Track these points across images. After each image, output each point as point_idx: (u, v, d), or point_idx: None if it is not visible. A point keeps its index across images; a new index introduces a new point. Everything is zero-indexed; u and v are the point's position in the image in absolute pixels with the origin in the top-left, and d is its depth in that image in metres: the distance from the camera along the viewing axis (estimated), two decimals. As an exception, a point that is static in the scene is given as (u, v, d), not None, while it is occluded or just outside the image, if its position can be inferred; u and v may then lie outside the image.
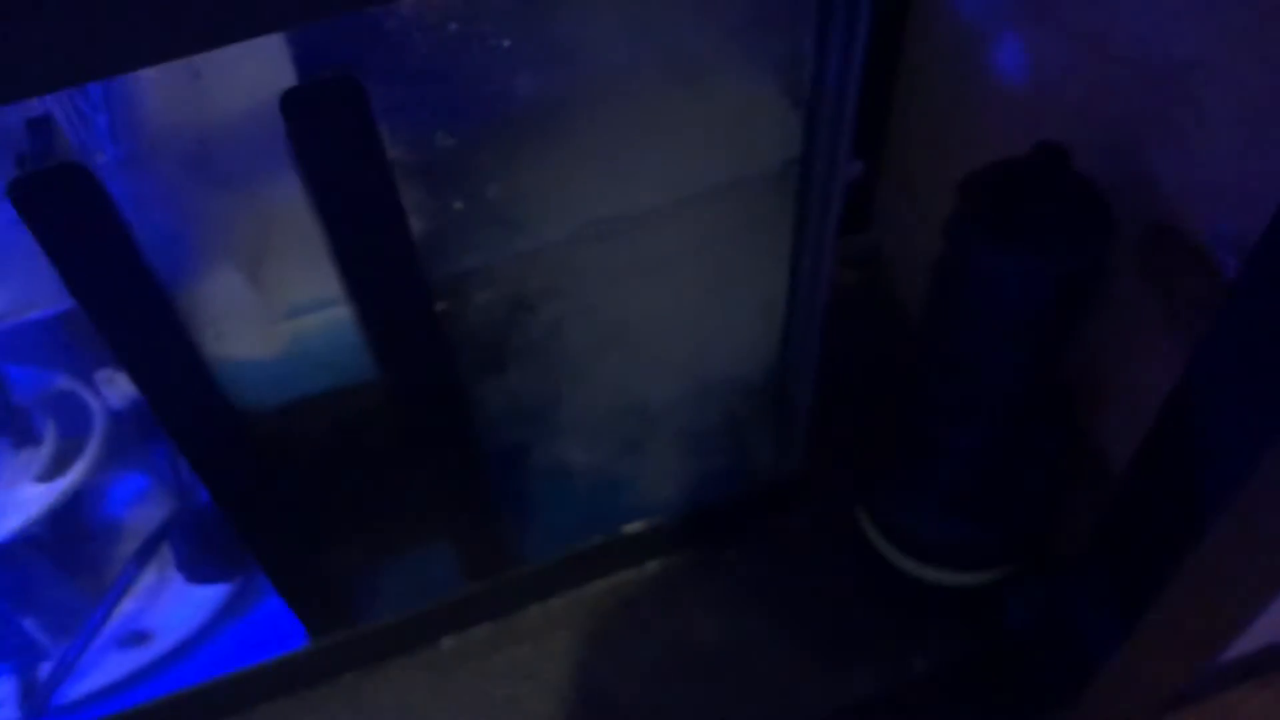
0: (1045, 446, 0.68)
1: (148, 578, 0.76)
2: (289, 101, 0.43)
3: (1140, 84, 0.57)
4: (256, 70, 0.45)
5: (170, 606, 0.76)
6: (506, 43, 0.47)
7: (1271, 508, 0.52)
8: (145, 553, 0.74)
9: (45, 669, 0.73)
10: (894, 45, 0.80)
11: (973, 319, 0.60)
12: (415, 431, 0.62)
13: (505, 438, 0.67)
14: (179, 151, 0.50)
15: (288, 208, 0.49)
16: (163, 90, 0.49)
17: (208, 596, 0.76)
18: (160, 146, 0.50)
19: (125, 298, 0.48)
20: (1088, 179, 0.57)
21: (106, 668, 0.74)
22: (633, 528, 0.79)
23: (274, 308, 0.54)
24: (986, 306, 0.58)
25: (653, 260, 0.60)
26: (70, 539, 0.72)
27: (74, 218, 0.44)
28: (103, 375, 0.65)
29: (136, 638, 0.75)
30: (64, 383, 0.68)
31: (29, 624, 0.72)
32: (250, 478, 0.60)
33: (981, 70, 0.71)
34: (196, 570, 0.74)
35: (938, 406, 0.67)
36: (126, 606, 0.75)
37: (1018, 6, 0.66)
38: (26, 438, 0.68)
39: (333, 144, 0.45)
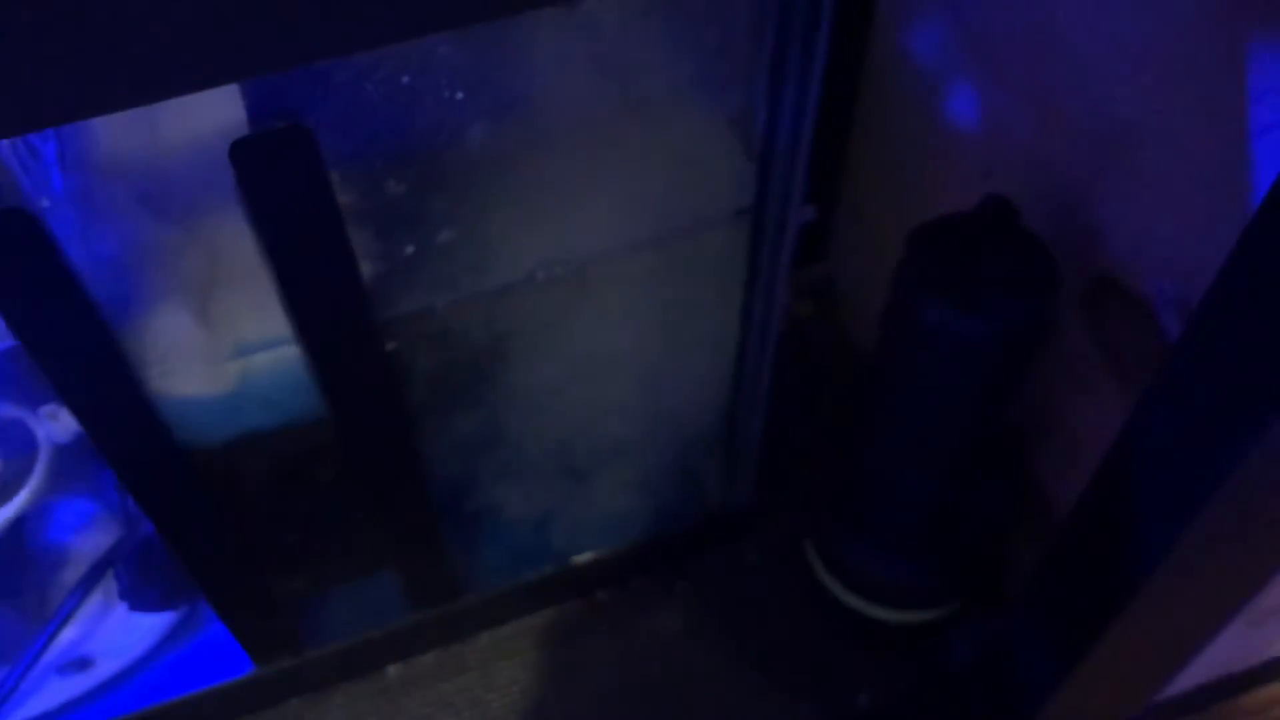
0: (991, 489, 0.69)
1: (91, 604, 0.75)
2: (238, 151, 0.43)
3: (1087, 141, 0.58)
4: (210, 103, 0.45)
5: (113, 633, 0.75)
6: (459, 95, 0.47)
7: (1205, 559, 0.53)
8: (90, 580, 0.73)
9: (-17, 695, 0.73)
10: (849, 91, 0.81)
11: (919, 368, 0.60)
12: (364, 467, 0.62)
13: (454, 473, 0.67)
14: (128, 183, 0.50)
15: (237, 245, 0.49)
16: (113, 119, 0.48)
17: (152, 623, 0.75)
18: (109, 177, 0.50)
19: (69, 340, 0.47)
20: (1034, 233, 0.58)
21: (46, 694, 0.73)
22: (582, 559, 0.79)
23: (222, 346, 0.54)
24: (933, 357, 0.59)
25: (604, 302, 0.60)
26: (13, 565, 0.72)
27: (17, 264, 0.43)
28: (46, 410, 0.64)
29: (78, 664, 0.74)
30: (8, 411, 0.67)
31: (-32, 650, 0.71)
32: (195, 511, 0.60)
33: (934, 120, 0.72)
34: (141, 598, 0.74)
35: (884, 448, 0.67)
36: (68, 633, 0.74)
37: (969, 61, 0.67)
38: (-31, 465, 0.67)
39: (283, 193, 0.45)
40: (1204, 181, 0.52)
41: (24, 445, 0.67)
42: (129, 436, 0.53)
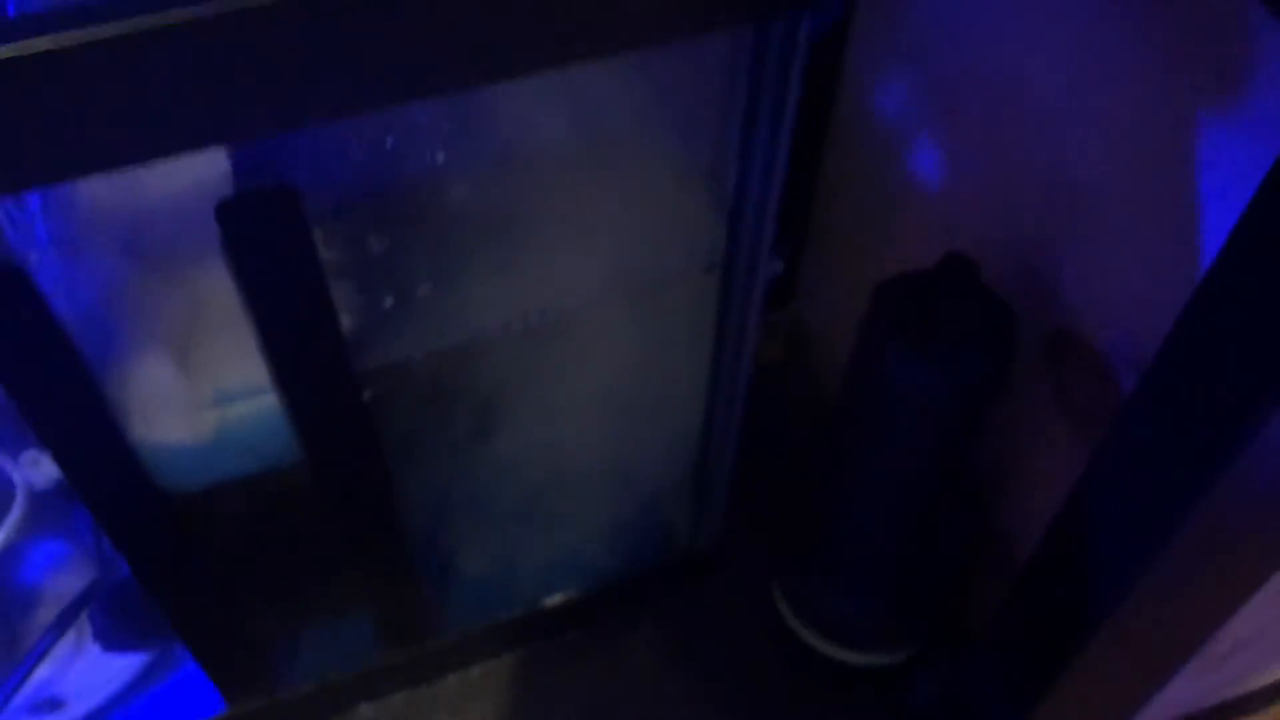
0: (953, 534, 0.70)
1: (63, 644, 0.75)
2: (224, 212, 0.44)
3: (1046, 199, 0.60)
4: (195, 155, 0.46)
5: (85, 673, 0.75)
6: (441, 156, 0.48)
7: (1161, 605, 0.55)
8: (64, 621, 0.73)
9: (-48, 736, 0.72)
10: (816, 145, 0.83)
11: (882, 418, 0.62)
12: (340, 512, 0.63)
13: (428, 517, 0.68)
14: (113, 232, 0.51)
15: (218, 293, 0.50)
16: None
17: (124, 663, 0.75)
18: (93, 226, 0.51)
19: (54, 389, 0.48)
20: (994, 290, 0.60)
21: (16, 735, 0.73)
22: (552, 600, 0.80)
23: (203, 394, 0.55)
24: (895, 408, 0.60)
25: (576, 352, 0.61)
26: (-15, 607, 0.72)
27: (6, 322, 0.44)
28: (28, 457, 0.64)
29: (49, 705, 0.74)
30: (-15, 455, 0.67)
31: (-62, 691, 0.71)
32: (173, 556, 0.60)
33: (899, 172, 0.74)
34: (114, 639, 0.74)
35: (848, 493, 0.69)
36: (40, 673, 0.74)
37: (933, 117, 0.69)
38: (-56, 507, 0.67)
39: (268, 252, 0.46)
40: (1158, 243, 0.53)
41: (1, 490, 0.68)
42: (110, 483, 0.54)
